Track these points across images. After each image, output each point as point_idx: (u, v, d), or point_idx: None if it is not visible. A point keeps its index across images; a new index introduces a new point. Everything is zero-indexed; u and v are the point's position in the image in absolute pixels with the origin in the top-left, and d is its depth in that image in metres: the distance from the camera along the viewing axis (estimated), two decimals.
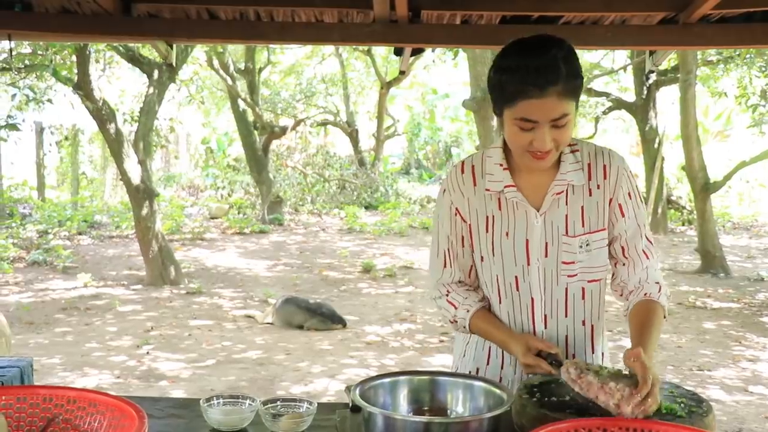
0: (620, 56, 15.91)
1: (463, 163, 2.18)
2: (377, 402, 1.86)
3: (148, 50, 10.71)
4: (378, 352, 7.10)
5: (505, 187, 2.08)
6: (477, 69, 8.25)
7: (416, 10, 3.19)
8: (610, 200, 2.09)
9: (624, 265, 2.17)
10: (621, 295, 2.21)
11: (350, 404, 1.76)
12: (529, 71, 1.88)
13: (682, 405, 1.82)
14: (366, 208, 17.75)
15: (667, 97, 16.18)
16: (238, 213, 16.63)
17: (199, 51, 13.73)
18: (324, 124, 21.33)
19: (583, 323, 2.17)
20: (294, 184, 18.55)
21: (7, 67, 9.88)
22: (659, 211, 14.89)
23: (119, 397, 1.61)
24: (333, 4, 3.18)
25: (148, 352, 7.01)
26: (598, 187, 2.09)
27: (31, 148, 16.93)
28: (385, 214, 16.08)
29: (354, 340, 7.52)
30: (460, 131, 23.83)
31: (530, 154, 1.97)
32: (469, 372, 2.25)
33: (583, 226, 2.09)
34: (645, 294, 2.10)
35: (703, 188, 11.03)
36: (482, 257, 2.16)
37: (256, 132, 16.10)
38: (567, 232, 2.08)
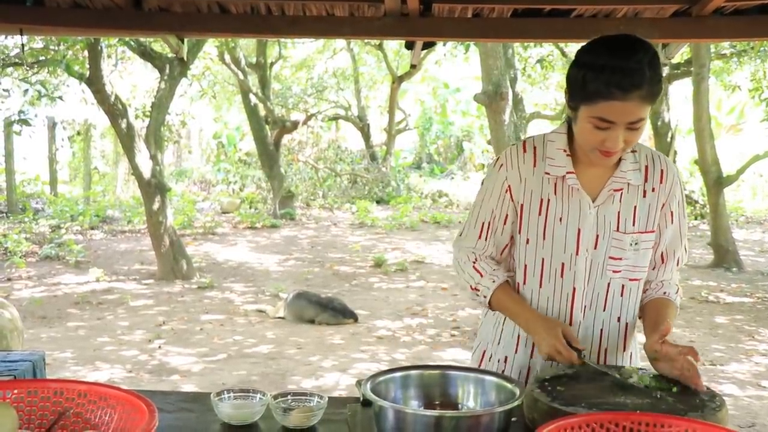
0: None
1: (525, 142, 2.18)
2: (388, 396, 1.86)
3: (159, 45, 10.73)
4: (389, 346, 7.10)
5: (567, 173, 2.09)
6: (488, 63, 8.20)
7: (427, 3, 3.17)
8: (663, 205, 2.14)
9: (655, 267, 2.22)
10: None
11: (361, 398, 1.76)
12: (615, 72, 1.86)
13: (697, 400, 1.81)
14: (377, 202, 17.74)
15: (680, 91, 16.10)
16: (250, 208, 16.66)
17: (211, 46, 13.74)
18: (335, 118, 21.33)
19: (618, 320, 2.18)
20: (305, 178, 18.57)
21: (19, 62, 9.91)
22: None
23: (130, 390, 1.61)
24: None
25: (159, 347, 7.03)
26: (653, 190, 2.13)
27: (43, 143, 17.00)
28: (397, 209, 16.07)
29: (365, 334, 7.52)
30: (471, 125, 23.76)
31: (599, 152, 1.99)
32: (498, 360, 2.25)
33: (633, 225, 2.11)
34: (664, 293, 2.18)
35: (716, 182, 10.97)
36: (528, 239, 2.15)
37: (267, 126, 16.10)
38: (618, 228, 2.11)
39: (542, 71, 14.77)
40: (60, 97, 10.71)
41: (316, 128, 20.81)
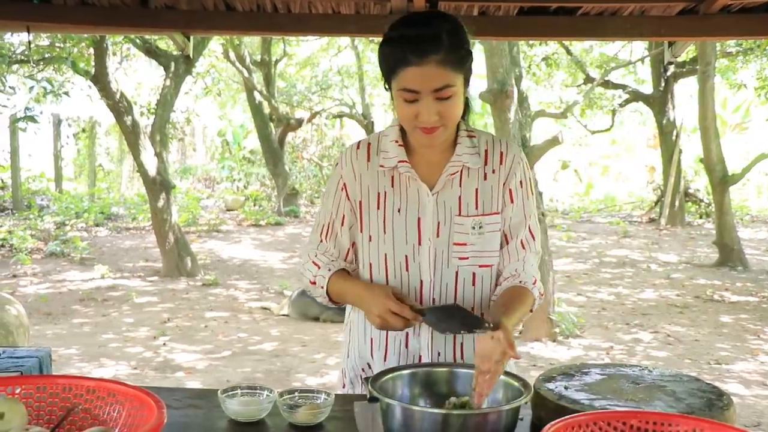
0: (638, 48, 15.80)
1: (360, 141, 2.16)
2: (395, 393, 1.86)
3: (165, 43, 10.74)
4: None
5: (399, 162, 2.05)
6: (493, 61, 8.18)
7: (433, 1, 3.16)
8: (504, 184, 2.08)
9: (501, 250, 2.12)
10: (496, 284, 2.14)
11: (368, 395, 1.76)
12: (411, 40, 1.87)
13: (705, 399, 1.81)
14: None
15: (685, 89, 16.07)
16: (254, 205, 16.68)
17: (215, 43, 13.75)
18: (339, 116, 21.28)
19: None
20: (309, 176, 18.58)
21: (25, 59, 9.92)
22: (677, 204, 14.82)
23: (138, 387, 1.60)
24: None
25: (164, 344, 7.04)
26: (494, 171, 2.07)
27: (48, 140, 17.03)
28: None
29: None
30: (475, 123, 23.75)
31: (420, 130, 1.95)
32: (357, 375, 2.23)
33: (476, 208, 2.06)
34: (520, 281, 2.06)
35: (721, 181, 10.95)
36: (370, 237, 2.10)
37: (271, 124, 16.12)
38: (460, 213, 2.05)
39: (547, 69, 14.75)
40: (66, 93, 10.73)
41: (321, 126, 20.80)
